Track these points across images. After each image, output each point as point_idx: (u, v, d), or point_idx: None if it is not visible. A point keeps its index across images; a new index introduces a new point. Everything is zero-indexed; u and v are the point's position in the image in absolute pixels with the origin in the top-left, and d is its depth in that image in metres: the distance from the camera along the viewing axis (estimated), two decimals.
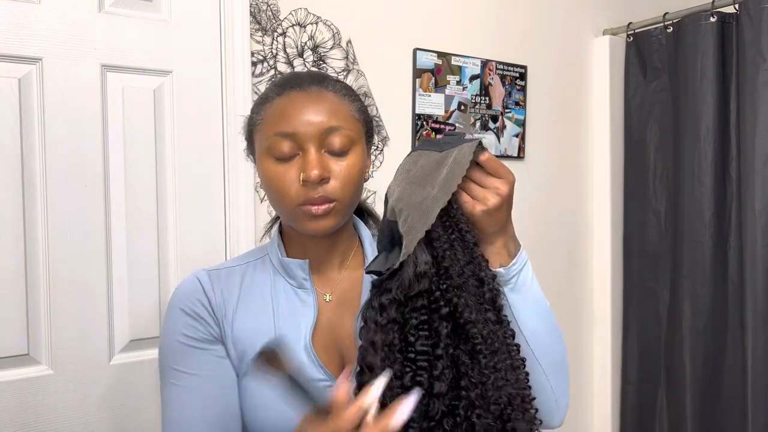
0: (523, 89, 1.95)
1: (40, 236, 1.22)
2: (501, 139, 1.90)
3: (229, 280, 0.86)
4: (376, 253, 0.89)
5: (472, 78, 1.82)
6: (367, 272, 0.73)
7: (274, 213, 1.53)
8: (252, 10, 1.44)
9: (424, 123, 1.72)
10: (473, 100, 1.83)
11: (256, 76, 1.45)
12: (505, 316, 0.73)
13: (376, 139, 1.65)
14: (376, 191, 1.66)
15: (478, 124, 1.84)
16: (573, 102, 2.10)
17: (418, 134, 1.71)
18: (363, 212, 0.97)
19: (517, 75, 1.93)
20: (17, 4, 1.18)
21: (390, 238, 0.74)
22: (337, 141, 0.77)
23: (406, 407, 0.63)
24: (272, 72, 1.48)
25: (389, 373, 0.67)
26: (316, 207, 0.77)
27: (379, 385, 0.65)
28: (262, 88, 1.46)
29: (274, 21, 1.48)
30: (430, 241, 0.69)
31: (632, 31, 2.08)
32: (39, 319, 1.22)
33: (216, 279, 0.85)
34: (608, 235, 2.12)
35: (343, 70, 1.59)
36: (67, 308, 1.24)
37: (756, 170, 1.73)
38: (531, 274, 0.78)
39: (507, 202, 0.73)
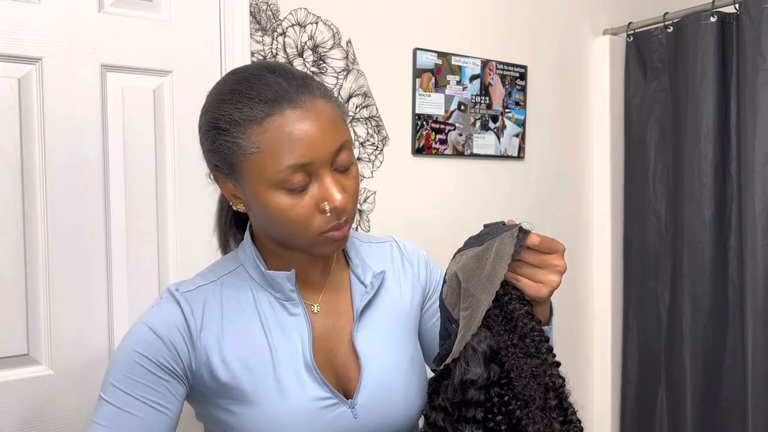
0: (523, 89, 1.94)
1: (40, 236, 1.22)
2: (501, 139, 1.90)
3: (207, 302, 0.78)
4: (358, 251, 0.88)
5: (472, 78, 1.82)
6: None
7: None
8: (252, 10, 1.44)
9: (424, 123, 1.72)
10: (473, 100, 1.83)
11: None
12: (574, 420, 0.67)
13: (376, 138, 1.65)
14: (376, 191, 1.66)
15: (478, 124, 1.84)
16: (573, 102, 2.10)
17: (418, 134, 1.71)
18: None
19: (517, 75, 1.93)
20: (17, 4, 1.18)
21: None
22: (345, 157, 0.72)
23: None
24: None
25: None
26: (339, 231, 0.73)
27: None
28: None
29: (274, 21, 1.48)
30: (491, 349, 0.64)
31: (632, 31, 2.08)
32: (39, 319, 1.22)
33: (195, 302, 0.78)
34: (608, 235, 2.12)
35: (343, 70, 1.59)
36: (67, 308, 1.24)
37: (756, 170, 1.72)
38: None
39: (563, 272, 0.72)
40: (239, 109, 0.70)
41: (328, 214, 0.71)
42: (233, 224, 0.90)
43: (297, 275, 0.80)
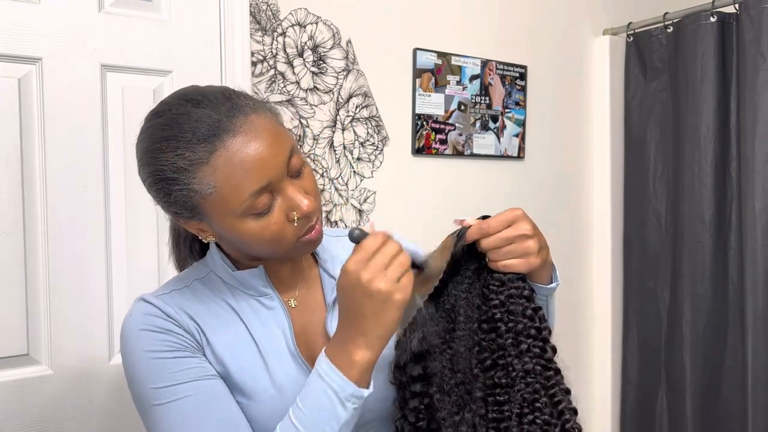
0: (523, 89, 1.94)
1: (40, 236, 1.22)
2: (501, 139, 1.90)
3: (185, 302, 0.77)
4: (324, 247, 0.90)
5: (472, 78, 1.82)
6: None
7: None
8: (252, 10, 1.44)
9: (424, 123, 1.72)
10: (473, 100, 1.83)
11: (256, 76, 1.45)
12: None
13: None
14: (376, 191, 1.66)
15: (478, 124, 1.84)
16: (573, 102, 2.10)
17: (418, 134, 1.71)
18: None
19: (517, 75, 1.93)
20: (17, 4, 1.18)
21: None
22: (296, 162, 0.72)
23: None
24: (272, 72, 1.48)
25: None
26: (314, 231, 0.74)
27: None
28: (262, 88, 1.46)
29: (274, 21, 1.48)
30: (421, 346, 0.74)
31: (632, 31, 2.08)
32: (39, 319, 1.22)
33: (170, 300, 0.77)
34: (608, 235, 2.12)
35: (343, 70, 1.59)
36: (67, 308, 1.24)
37: (756, 170, 1.72)
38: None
39: (537, 232, 0.74)
40: (180, 156, 0.68)
41: (296, 224, 0.72)
42: (191, 247, 0.89)
43: (270, 274, 0.81)
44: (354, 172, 1.62)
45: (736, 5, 1.78)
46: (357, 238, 0.69)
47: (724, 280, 1.86)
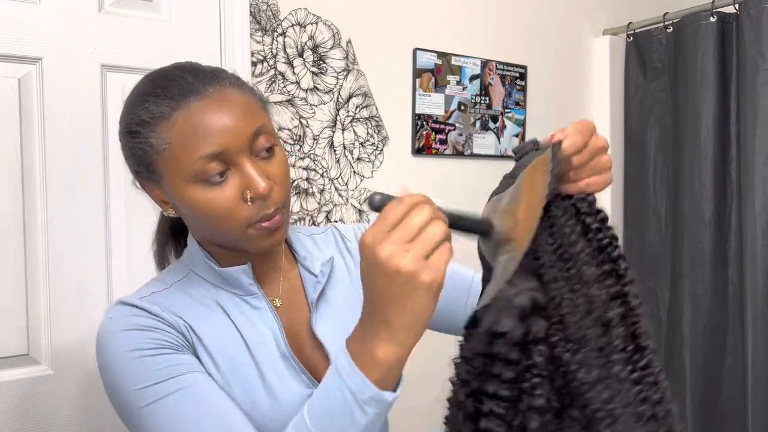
0: (523, 89, 1.94)
1: (40, 236, 1.22)
2: (501, 139, 1.89)
3: (169, 303, 0.73)
4: (303, 244, 0.85)
5: (472, 78, 1.82)
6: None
7: None
8: (252, 10, 1.44)
9: (424, 123, 1.72)
10: (473, 100, 1.83)
11: (256, 76, 1.45)
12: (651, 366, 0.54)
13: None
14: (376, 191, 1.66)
15: (478, 124, 1.84)
16: (573, 102, 2.10)
17: (418, 134, 1.71)
18: None
19: (517, 75, 1.93)
20: (17, 4, 1.18)
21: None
22: (263, 141, 0.69)
23: None
24: (272, 72, 1.48)
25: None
26: (270, 221, 0.69)
27: None
28: (263, 88, 1.46)
29: (274, 21, 1.48)
30: (533, 303, 0.52)
31: (632, 31, 2.08)
32: (39, 319, 1.22)
33: (152, 302, 0.72)
34: None
35: (343, 70, 1.59)
36: (67, 308, 1.24)
37: (756, 170, 1.72)
38: None
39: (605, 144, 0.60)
40: (146, 109, 0.68)
41: (250, 203, 0.67)
42: (172, 238, 0.86)
43: (254, 273, 0.77)
44: (354, 172, 1.62)
45: (736, 5, 1.78)
46: (378, 204, 0.55)
47: (724, 280, 1.86)
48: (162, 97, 0.68)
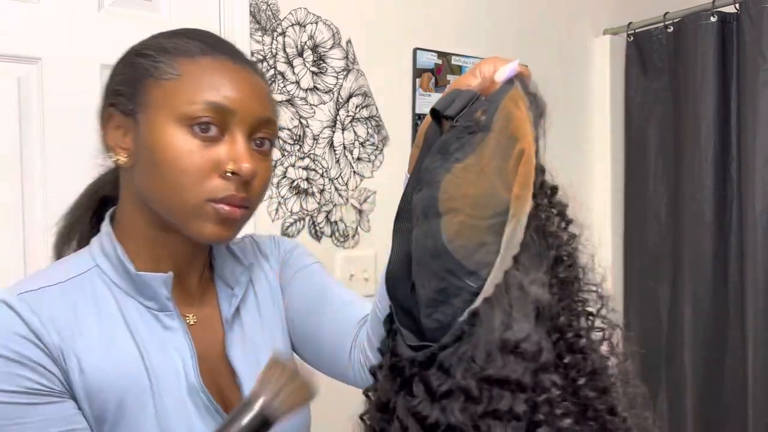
0: None
1: (40, 236, 1.21)
2: None
3: (56, 306, 0.60)
4: (220, 253, 0.75)
5: None
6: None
7: (274, 212, 1.54)
8: (252, 10, 1.44)
9: None
10: None
11: None
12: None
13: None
14: (376, 191, 1.66)
15: None
16: (573, 102, 2.10)
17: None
18: None
19: None
20: (17, 4, 1.18)
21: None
22: (266, 131, 0.66)
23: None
24: (272, 72, 1.48)
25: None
26: (231, 208, 0.62)
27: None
28: None
29: (273, 20, 1.48)
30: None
31: (633, 31, 2.08)
32: None
33: (38, 305, 0.59)
34: (608, 235, 2.12)
35: (343, 70, 1.59)
36: None
37: (756, 170, 1.72)
38: None
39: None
40: (173, 41, 0.64)
41: (229, 175, 0.61)
42: (90, 217, 0.77)
43: (174, 279, 0.66)
44: (354, 172, 1.62)
45: (737, 5, 1.78)
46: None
47: (724, 280, 1.86)
48: (196, 40, 0.65)
